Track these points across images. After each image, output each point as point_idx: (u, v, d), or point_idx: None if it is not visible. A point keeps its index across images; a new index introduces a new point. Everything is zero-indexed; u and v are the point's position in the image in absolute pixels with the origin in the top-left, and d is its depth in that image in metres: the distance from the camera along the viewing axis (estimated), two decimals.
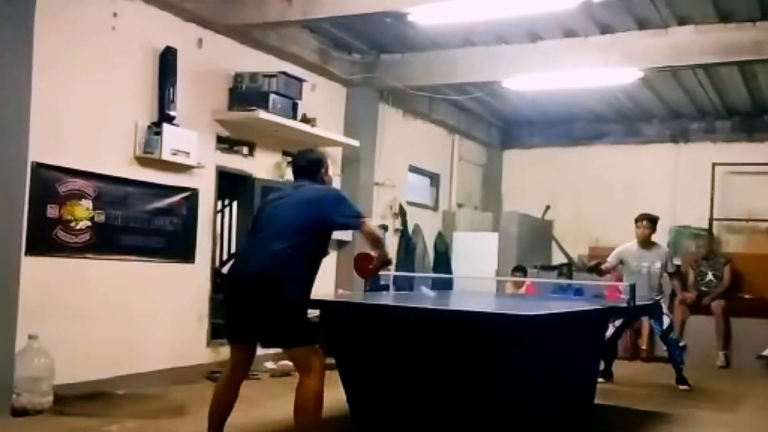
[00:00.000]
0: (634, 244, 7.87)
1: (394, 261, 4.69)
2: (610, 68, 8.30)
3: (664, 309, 7.83)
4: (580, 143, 12.35)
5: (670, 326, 7.81)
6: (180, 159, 6.77)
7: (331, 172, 4.82)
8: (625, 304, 6.34)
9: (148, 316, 6.68)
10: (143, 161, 6.63)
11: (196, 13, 6.93)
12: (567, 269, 11.42)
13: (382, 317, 5.21)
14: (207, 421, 4.41)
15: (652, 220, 7.81)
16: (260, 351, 7.95)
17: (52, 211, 5.89)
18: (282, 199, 4.51)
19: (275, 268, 4.17)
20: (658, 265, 7.74)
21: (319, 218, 4.32)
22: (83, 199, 6.14)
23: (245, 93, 7.50)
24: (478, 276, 10.08)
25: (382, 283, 8.94)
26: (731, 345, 9.66)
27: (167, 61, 6.74)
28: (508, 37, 8.39)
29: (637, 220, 7.85)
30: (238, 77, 7.57)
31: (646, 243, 7.82)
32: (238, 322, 4.37)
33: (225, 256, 9.48)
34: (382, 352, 5.19)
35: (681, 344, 8.67)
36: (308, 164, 4.69)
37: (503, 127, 13.04)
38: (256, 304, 4.19)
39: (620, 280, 7.77)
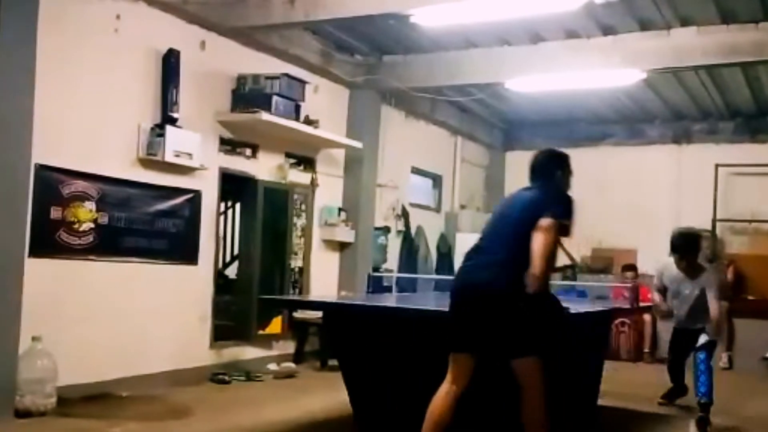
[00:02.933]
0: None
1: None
2: (612, 69, 8.29)
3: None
4: (583, 144, 12.28)
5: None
6: (183, 161, 6.78)
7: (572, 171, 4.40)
8: (628, 305, 6.35)
9: (151, 317, 6.68)
10: (146, 163, 6.64)
11: (198, 15, 6.94)
12: (571, 271, 11.41)
13: (385, 319, 5.21)
14: None
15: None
16: (262, 352, 8.06)
17: (55, 213, 5.90)
18: (506, 204, 4.37)
19: (499, 280, 4.00)
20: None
21: (526, 224, 3.97)
22: (86, 201, 6.15)
23: (248, 95, 7.52)
24: None
25: (385, 284, 8.95)
26: (734, 346, 9.64)
27: (170, 63, 6.75)
28: (510, 39, 8.39)
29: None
30: (240, 79, 7.58)
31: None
32: (463, 331, 4.13)
33: (228, 258, 9.51)
34: (385, 353, 5.19)
35: None
36: (543, 161, 4.39)
37: (505, 128, 13.04)
38: (484, 314, 4.02)
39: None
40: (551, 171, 4.30)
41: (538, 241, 3.87)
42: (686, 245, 6.58)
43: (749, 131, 11.39)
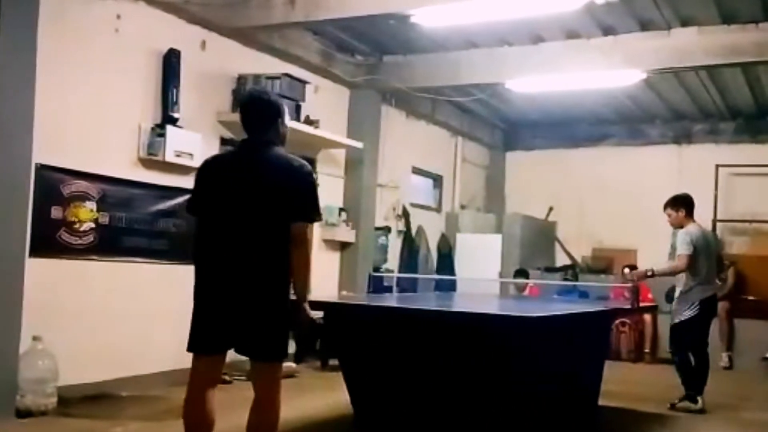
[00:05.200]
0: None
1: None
2: (612, 70, 8.30)
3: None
4: (583, 145, 12.35)
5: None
6: (183, 161, 6.77)
7: (287, 120, 3.98)
8: (629, 306, 6.36)
9: (152, 317, 6.68)
10: (147, 163, 6.64)
11: (199, 15, 6.94)
12: (571, 271, 11.44)
13: (385, 319, 5.21)
14: None
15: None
16: None
17: (56, 213, 5.91)
18: (238, 178, 3.69)
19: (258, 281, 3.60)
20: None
21: (284, 215, 3.58)
22: (87, 201, 6.15)
23: None
24: (482, 278, 10.09)
25: (386, 284, 8.95)
26: (735, 346, 9.64)
27: (171, 63, 6.75)
28: (510, 39, 8.40)
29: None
30: (241, 79, 7.58)
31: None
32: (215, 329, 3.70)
33: None
34: (386, 353, 5.19)
35: None
36: (261, 109, 3.88)
37: (506, 128, 13.05)
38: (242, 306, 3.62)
39: None
40: (272, 120, 3.84)
41: (304, 256, 3.65)
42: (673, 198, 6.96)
43: (750, 132, 11.40)
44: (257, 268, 3.58)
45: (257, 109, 3.90)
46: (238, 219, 3.62)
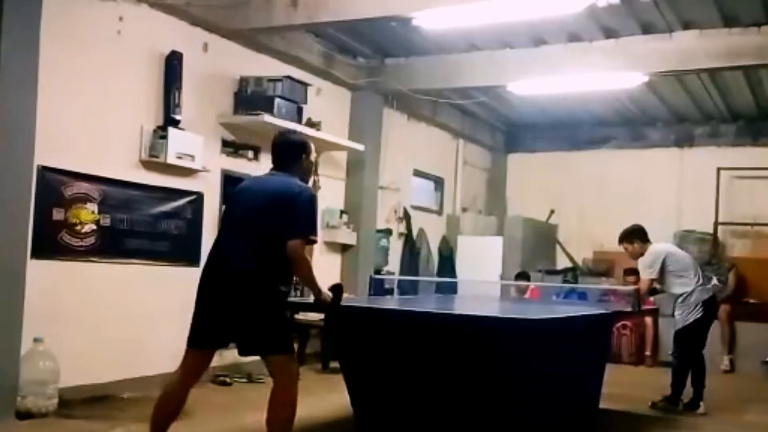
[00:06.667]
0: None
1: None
2: (614, 73, 8.31)
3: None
4: (585, 147, 12.35)
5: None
6: (185, 163, 6.79)
7: (313, 157, 4.48)
8: (629, 308, 6.36)
9: (153, 319, 6.68)
10: (148, 165, 6.65)
11: (201, 17, 6.95)
12: (572, 273, 11.43)
13: (386, 321, 5.21)
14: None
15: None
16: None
17: (57, 215, 5.91)
18: (251, 191, 4.26)
19: (250, 271, 4.01)
20: None
21: (275, 227, 4.02)
22: (88, 203, 6.16)
23: (250, 97, 7.53)
24: (483, 280, 10.09)
25: (387, 286, 8.96)
26: (736, 349, 9.64)
27: (173, 65, 6.76)
28: (512, 42, 8.40)
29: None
30: (243, 81, 7.59)
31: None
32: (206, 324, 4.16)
33: None
34: (387, 355, 5.19)
35: None
36: (286, 148, 4.39)
37: (508, 131, 13.05)
38: (233, 305, 4.03)
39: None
40: (295, 157, 4.35)
41: (302, 268, 4.13)
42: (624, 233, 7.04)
43: (751, 134, 11.40)
44: (245, 272, 4.01)
45: (283, 148, 4.42)
46: (237, 230, 4.14)
